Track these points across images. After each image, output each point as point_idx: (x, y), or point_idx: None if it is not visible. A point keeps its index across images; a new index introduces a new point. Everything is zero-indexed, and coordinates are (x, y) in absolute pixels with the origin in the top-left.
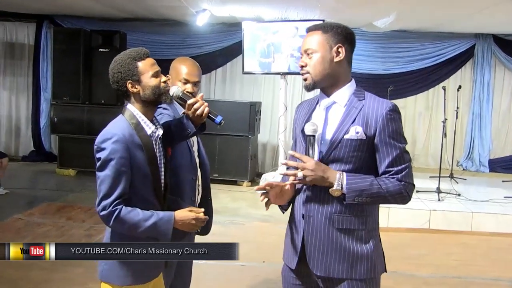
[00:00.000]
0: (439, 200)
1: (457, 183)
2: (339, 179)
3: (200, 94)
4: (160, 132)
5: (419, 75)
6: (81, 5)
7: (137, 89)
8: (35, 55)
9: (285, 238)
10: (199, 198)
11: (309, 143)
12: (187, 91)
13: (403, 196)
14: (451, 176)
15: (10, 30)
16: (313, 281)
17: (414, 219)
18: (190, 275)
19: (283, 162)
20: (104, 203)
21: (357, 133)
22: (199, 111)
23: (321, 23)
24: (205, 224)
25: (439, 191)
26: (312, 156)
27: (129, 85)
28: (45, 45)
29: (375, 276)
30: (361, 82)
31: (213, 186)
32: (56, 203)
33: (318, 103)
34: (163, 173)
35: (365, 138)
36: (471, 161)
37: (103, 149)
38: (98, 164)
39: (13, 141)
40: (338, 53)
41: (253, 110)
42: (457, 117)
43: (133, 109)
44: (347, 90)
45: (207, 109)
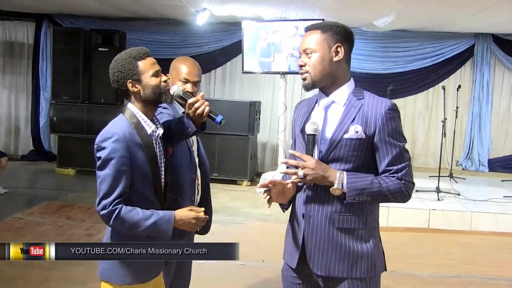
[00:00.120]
0: (438, 199)
1: (457, 182)
2: (340, 178)
3: (200, 93)
4: (160, 131)
5: (418, 75)
6: (81, 4)
7: (137, 88)
8: (34, 54)
9: (285, 237)
10: (198, 197)
11: (309, 143)
12: (187, 91)
13: (403, 194)
14: (451, 175)
15: (9, 29)
16: (313, 280)
17: (413, 218)
18: (189, 274)
19: (283, 161)
20: (104, 202)
21: (357, 132)
22: (199, 110)
23: (320, 22)
24: (205, 223)
25: (438, 190)
26: (312, 155)
27: (129, 85)
28: (44, 44)
29: (375, 275)
30: (361, 81)
31: (213, 185)
32: (55, 202)
33: (317, 102)
34: (163, 173)
35: (365, 137)
36: (470, 160)
37: (104, 148)
38: (98, 163)
39: (12, 140)
40: (337, 53)
41: (253, 109)
42: (456, 117)
43: (133, 108)
44: (346, 89)
45: (207, 108)
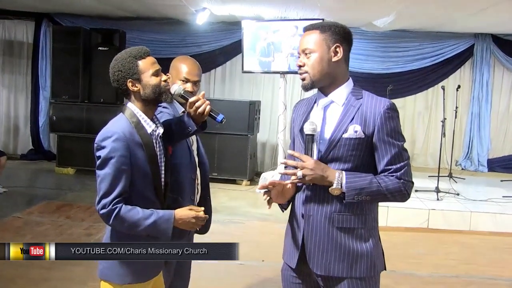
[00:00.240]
0: (438, 199)
1: (456, 182)
2: (339, 178)
3: (201, 92)
4: (160, 130)
5: (418, 75)
6: (81, 4)
7: (137, 87)
8: (34, 53)
9: (285, 237)
10: (198, 197)
11: (308, 143)
12: (188, 90)
13: (402, 193)
14: (450, 175)
15: (9, 28)
16: (313, 280)
17: (413, 218)
18: (189, 274)
19: (282, 161)
20: (104, 201)
21: (356, 132)
22: (200, 109)
23: (319, 22)
24: (204, 222)
25: (438, 190)
26: (311, 155)
27: (129, 84)
28: (44, 43)
29: (375, 274)
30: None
31: (212, 185)
32: (55, 201)
33: (316, 102)
34: (163, 172)
35: (364, 136)
36: (470, 160)
37: (103, 147)
38: (98, 162)
39: (11, 139)
40: (336, 53)
41: (253, 109)
42: (456, 117)
43: (133, 107)
44: (345, 89)
45: (208, 107)
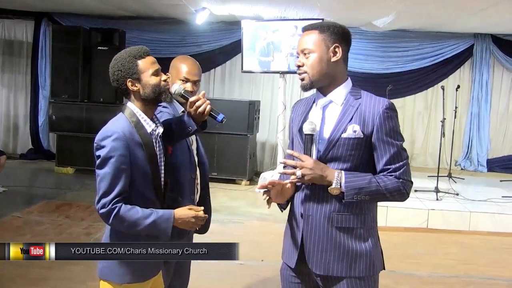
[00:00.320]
0: (437, 199)
1: (455, 182)
2: (338, 178)
3: (202, 92)
4: (160, 130)
5: (418, 75)
6: (80, 3)
7: (137, 87)
8: (33, 52)
9: (284, 236)
10: (198, 196)
11: (307, 142)
12: (187, 90)
13: (401, 193)
14: (450, 175)
15: (8, 27)
16: (312, 280)
17: (412, 218)
18: (188, 274)
19: (281, 161)
20: (103, 201)
21: (355, 131)
22: (201, 109)
23: (317, 22)
24: (204, 222)
25: (437, 190)
26: (310, 155)
27: (129, 84)
28: (43, 42)
29: (374, 274)
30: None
31: (212, 184)
32: (54, 201)
33: (314, 102)
34: (163, 172)
35: (363, 136)
36: (469, 160)
37: (103, 146)
38: (97, 162)
39: (11, 139)
40: (335, 53)
41: (252, 108)
42: (455, 117)
43: (133, 107)
44: (344, 89)
45: (209, 107)
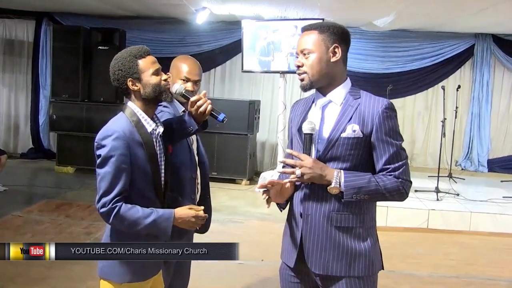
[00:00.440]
0: (437, 199)
1: (456, 182)
2: (337, 177)
3: (203, 91)
4: (160, 129)
5: (418, 75)
6: (81, 3)
7: (137, 87)
8: (34, 52)
9: (283, 236)
10: (198, 196)
11: (307, 142)
12: (188, 89)
13: (400, 193)
14: (450, 175)
15: (9, 27)
16: (311, 279)
17: (412, 218)
18: (188, 273)
19: (281, 160)
20: (104, 200)
21: (354, 131)
22: (202, 108)
23: (317, 22)
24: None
25: (437, 190)
26: (309, 154)
27: (129, 83)
28: (44, 42)
29: (373, 273)
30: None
31: (212, 184)
32: (54, 200)
33: (314, 102)
34: (163, 171)
35: (362, 136)
36: (469, 161)
37: (104, 146)
38: (98, 161)
39: (11, 138)
40: (334, 53)
41: (252, 108)
42: (456, 117)
43: (133, 106)
44: (343, 89)
45: (210, 107)
